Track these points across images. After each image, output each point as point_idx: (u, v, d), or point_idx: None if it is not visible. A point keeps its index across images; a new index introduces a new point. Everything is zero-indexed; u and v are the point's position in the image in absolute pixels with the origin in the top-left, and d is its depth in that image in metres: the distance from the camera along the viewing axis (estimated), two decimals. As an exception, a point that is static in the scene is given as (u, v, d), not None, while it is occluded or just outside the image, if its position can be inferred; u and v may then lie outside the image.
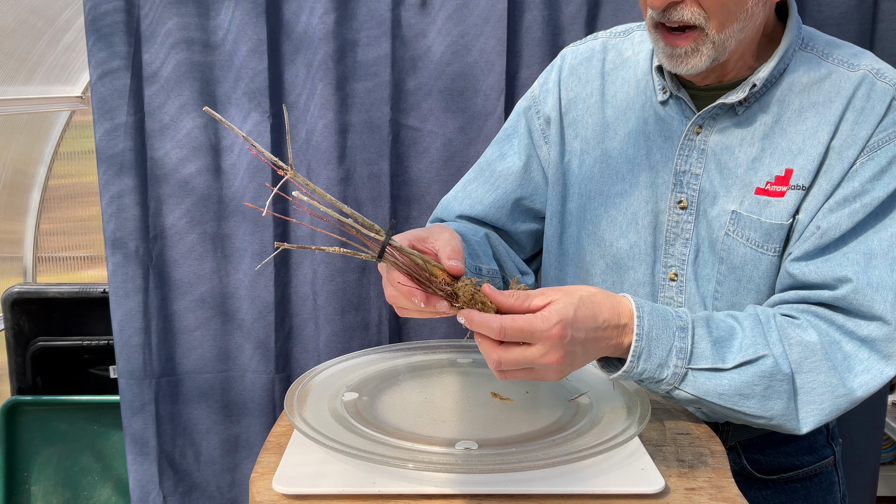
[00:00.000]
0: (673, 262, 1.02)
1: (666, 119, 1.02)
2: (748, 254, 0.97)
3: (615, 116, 1.07)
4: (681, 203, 1.01)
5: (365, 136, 1.52)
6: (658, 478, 0.73)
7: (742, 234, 0.97)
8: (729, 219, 0.97)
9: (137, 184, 1.51)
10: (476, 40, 1.50)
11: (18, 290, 2.03)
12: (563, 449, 0.75)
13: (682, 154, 1.00)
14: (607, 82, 1.09)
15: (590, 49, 1.12)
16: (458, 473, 0.73)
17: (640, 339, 0.81)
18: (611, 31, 1.13)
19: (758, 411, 0.84)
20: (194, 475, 1.65)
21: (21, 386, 2.05)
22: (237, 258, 1.57)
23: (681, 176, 1.00)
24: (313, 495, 0.72)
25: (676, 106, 1.01)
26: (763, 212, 0.96)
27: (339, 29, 1.47)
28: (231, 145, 1.52)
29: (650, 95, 1.04)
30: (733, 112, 0.98)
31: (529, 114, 1.15)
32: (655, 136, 1.03)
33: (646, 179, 1.03)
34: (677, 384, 0.83)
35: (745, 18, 0.91)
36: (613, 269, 1.06)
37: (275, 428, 0.87)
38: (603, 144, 1.07)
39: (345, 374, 0.94)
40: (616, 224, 1.05)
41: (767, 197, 0.96)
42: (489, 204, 1.13)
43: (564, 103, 1.11)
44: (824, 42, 0.99)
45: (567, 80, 1.11)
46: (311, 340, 1.61)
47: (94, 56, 1.46)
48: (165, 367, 1.58)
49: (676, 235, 1.01)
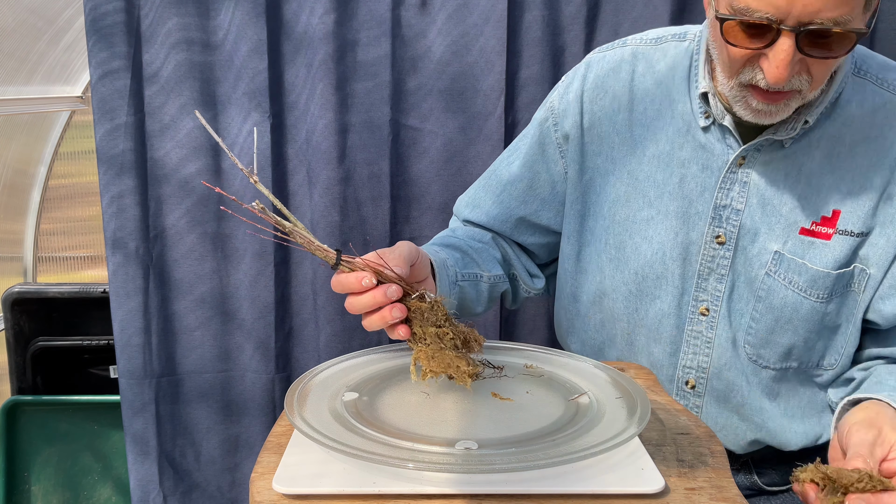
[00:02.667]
0: (705, 297, 0.98)
1: (706, 147, 0.96)
2: (790, 296, 0.93)
3: (643, 136, 1.00)
4: (718, 238, 0.95)
5: (365, 136, 1.52)
6: (658, 478, 0.73)
7: (784, 277, 0.93)
8: (771, 259, 0.93)
9: (138, 184, 1.51)
10: (476, 40, 1.50)
11: (18, 290, 2.03)
12: (563, 449, 0.75)
13: (724, 187, 0.94)
14: (636, 98, 1.01)
15: (618, 58, 1.04)
16: (458, 473, 0.73)
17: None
18: (641, 37, 1.05)
19: None
20: (194, 475, 1.65)
21: (21, 386, 2.05)
22: (237, 258, 1.57)
23: (720, 210, 0.95)
24: (313, 495, 0.72)
25: (719, 133, 0.95)
26: (807, 254, 0.91)
27: (340, 29, 1.47)
28: (231, 146, 1.52)
29: (688, 119, 0.97)
30: (780, 145, 0.92)
31: (546, 126, 1.08)
32: (691, 163, 0.96)
33: (677, 208, 0.97)
34: None
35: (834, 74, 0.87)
36: (637, 295, 1.01)
37: (275, 428, 0.87)
38: (629, 165, 1.00)
39: (345, 374, 0.94)
40: (640, 252, 1.00)
41: (812, 238, 0.91)
42: (494, 216, 1.11)
43: (587, 118, 1.03)
44: (879, 66, 0.93)
45: (591, 92, 1.04)
46: (311, 340, 1.61)
47: (95, 56, 1.46)
48: (166, 367, 1.58)
49: (711, 270, 0.97)
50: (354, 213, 1.54)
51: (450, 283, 0.95)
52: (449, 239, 1.04)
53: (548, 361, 0.96)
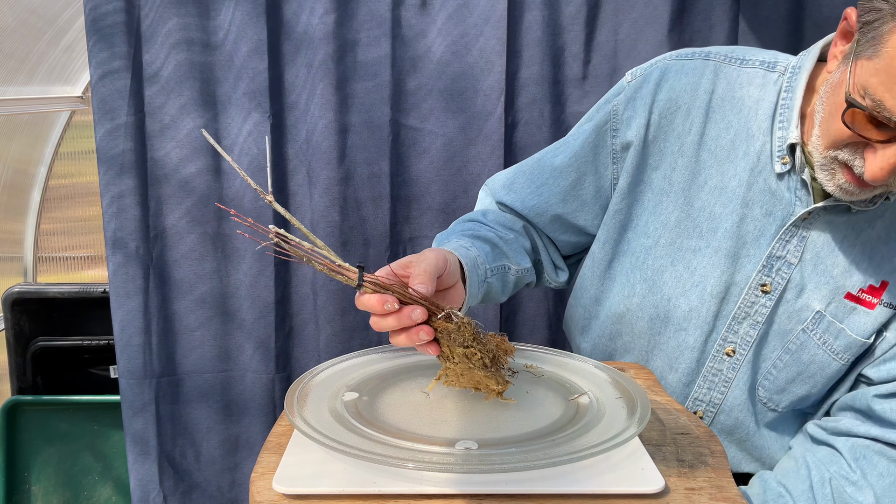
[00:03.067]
0: (735, 339, 0.97)
1: (776, 193, 0.92)
2: (819, 355, 0.93)
3: (710, 163, 0.96)
4: (764, 287, 0.94)
5: (365, 136, 1.52)
6: (658, 478, 0.73)
7: (820, 337, 0.92)
8: (811, 317, 0.92)
9: (138, 184, 1.51)
10: (476, 40, 1.50)
11: (19, 290, 2.03)
12: (563, 449, 0.75)
13: (783, 239, 0.92)
14: (710, 121, 0.95)
15: (698, 72, 0.96)
16: (458, 473, 0.73)
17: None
18: (725, 53, 0.97)
19: None
20: (195, 475, 1.65)
21: (21, 386, 2.05)
22: (237, 258, 1.57)
23: (773, 260, 0.93)
24: (313, 495, 0.72)
25: (792, 184, 0.92)
26: (846, 319, 0.91)
27: (340, 29, 1.47)
28: (231, 146, 1.52)
29: (764, 160, 0.93)
30: (848, 209, 0.90)
31: (604, 129, 1.02)
32: (755, 205, 0.93)
33: (728, 247, 0.95)
34: None
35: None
36: (663, 322, 1.00)
37: (275, 428, 0.87)
38: (688, 192, 0.96)
39: (345, 374, 0.94)
40: (680, 281, 0.97)
41: (856, 305, 0.91)
42: (530, 207, 1.08)
43: (653, 130, 0.98)
44: None
45: (664, 105, 0.97)
46: (311, 340, 1.61)
47: (95, 56, 1.46)
48: (166, 366, 1.58)
49: (747, 315, 0.95)
50: (354, 213, 1.54)
51: (479, 281, 0.94)
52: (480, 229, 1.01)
53: (548, 361, 0.96)
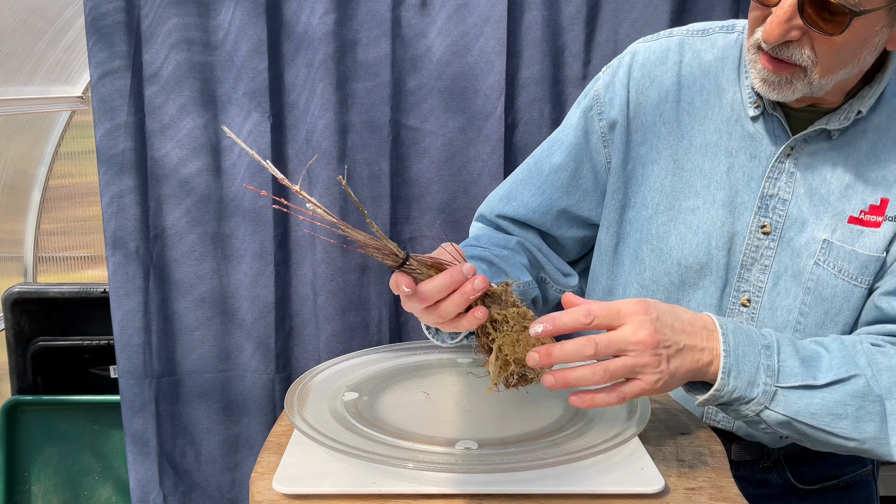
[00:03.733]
0: (747, 287, 0.97)
1: (755, 137, 0.96)
2: (840, 286, 0.92)
3: (690, 125, 1.00)
4: (764, 228, 0.95)
5: (365, 136, 1.52)
6: (658, 478, 0.73)
7: (834, 265, 0.92)
8: (820, 248, 0.93)
9: (138, 184, 1.51)
10: (476, 40, 1.50)
11: (19, 289, 2.03)
12: (563, 449, 0.75)
13: (771, 177, 0.95)
14: (683, 87, 1.01)
15: (664, 48, 1.03)
16: (458, 473, 0.73)
17: (728, 356, 0.78)
18: (687, 29, 1.05)
19: (851, 433, 0.81)
20: (194, 475, 1.65)
21: (21, 386, 2.05)
22: (237, 258, 1.57)
23: (767, 200, 0.95)
24: (313, 495, 0.72)
25: (768, 124, 0.95)
26: (856, 242, 0.91)
27: (340, 29, 1.47)
28: (231, 145, 1.52)
29: (738, 110, 0.97)
30: (827, 136, 0.93)
31: (590, 115, 1.07)
32: (739, 152, 0.96)
33: (724, 198, 0.97)
34: (767, 403, 0.79)
35: (854, 65, 0.86)
36: (679, 286, 1.01)
37: (275, 428, 0.87)
38: (675, 155, 1.00)
39: (345, 374, 0.95)
40: (686, 241, 0.99)
41: (861, 227, 0.91)
42: (533, 209, 1.09)
43: (633, 107, 1.03)
44: None
45: (638, 81, 1.03)
46: (311, 340, 1.61)
47: (95, 56, 1.46)
48: (166, 366, 1.58)
49: (755, 261, 0.96)
50: (354, 213, 1.54)
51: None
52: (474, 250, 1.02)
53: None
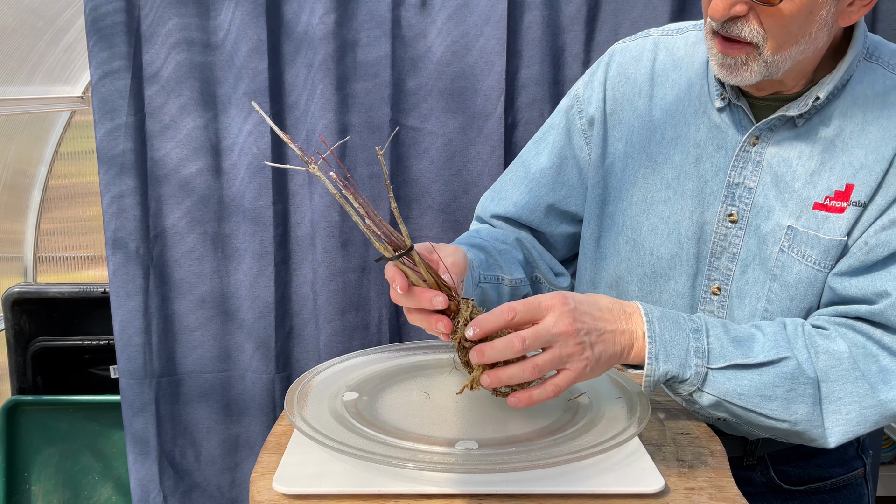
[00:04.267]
0: (717, 275, 0.99)
1: (721, 127, 0.98)
2: (804, 271, 0.93)
3: (663, 120, 1.03)
4: (731, 216, 0.97)
5: (365, 136, 1.52)
6: (658, 478, 0.73)
7: (798, 251, 0.93)
8: (784, 234, 0.94)
9: (138, 184, 1.51)
10: (476, 40, 1.50)
11: (19, 290, 2.03)
12: (563, 449, 0.75)
13: (737, 166, 0.96)
14: (657, 83, 1.04)
15: (640, 47, 1.07)
16: (458, 473, 0.73)
17: (653, 342, 0.81)
18: (663, 28, 1.09)
19: (781, 414, 0.83)
20: (195, 475, 1.65)
21: (21, 386, 2.05)
22: (237, 258, 1.57)
23: (733, 188, 0.96)
24: (313, 495, 0.72)
25: (733, 115, 0.97)
26: (821, 228, 0.92)
27: (340, 29, 1.47)
28: (231, 145, 1.52)
29: (705, 101, 1.00)
30: (792, 124, 0.94)
31: (571, 113, 1.11)
32: (707, 143, 0.99)
33: (693, 188, 0.99)
34: (700, 384, 0.82)
35: (807, 42, 0.87)
36: (652, 277, 1.03)
37: (275, 428, 0.87)
38: (648, 149, 1.03)
39: (345, 374, 0.95)
40: (658, 232, 1.01)
41: (826, 213, 0.92)
42: (522, 206, 1.11)
43: (610, 104, 1.07)
44: (891, 52, 0.94)
45: (615, 79, 1.07)
46: (311, 340, 1.61)
47: (95, 56, 1.46)
48: (166, 366, 1.58)
49: (723, 249, 0.98)
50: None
51: (473, 284, 0.96)
52: (473, 238, 1.05)
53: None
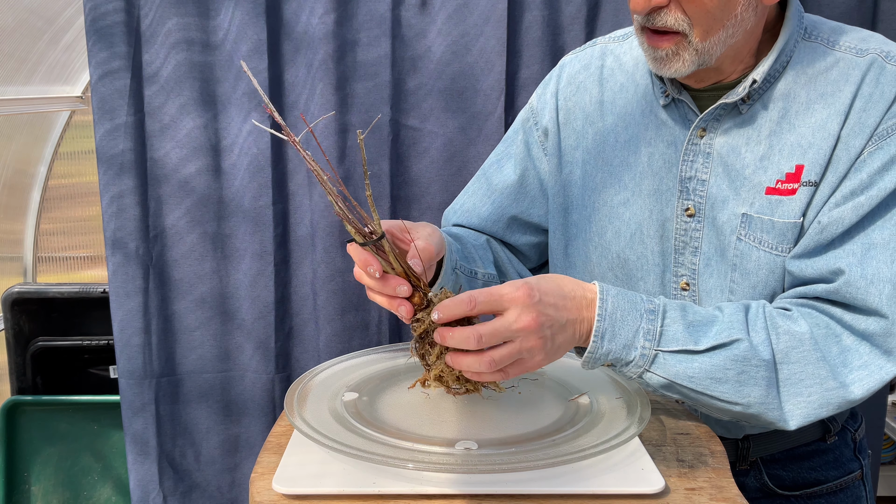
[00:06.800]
0: (684, 271, 0.99)
1: (668, 123, 0.98)
2: (762, 257, 0.92)
3: (614, 123, 1.03)
4: (688, 210, 0.97)
5: (365, 136, 1.52)
6: (658, 478, 0.73)
7: (755, 238, 0.92)
8: (740, 222, 0.93)
9: (138, 184, 1.51)
10: (476, 40, 1.50)
11: (18, 290, 2.03)
12: (563, 449, 0.75)
13: (687, 160, 0.96)
14: (605, 89, 1.05)
15: (588, 56, 1.09)
16: (458, 473, 0.73)
17: (602, 320, 0.81)
18: (609, 36, 1.10)
19: (733, 397, 0.82)
20: (194, 475, 1.65)
21: (21, 386, 2.05)
22: (237, 258, 1.57)
23: (686, 182, 0.96)
24: (313, 495, 0.72)
25: (678, 110, 0.98)
26: (775, 212, 0.91)
27: (339, 29, 1.47)
28: (231, 145, 1.52)
29: (651, 100, 1.00)
30: (737, 112, 0.94)
31: (528, 126, 1.12)
32: (657, 141, 0.99)
33: (649, 187, 0.99)
34: (647, 366, 0.81)
35: (734, 25, 0.86)
36: (623, 279, 1.03)
37: (275, 428, 0.87)
38: (603, 154, 1.04)
39: (345, 374, 0.95)
40: (621, 235, 1.02)
41: (779, 196, 0.91)
42: (485, 217, 1.12)
43: (562, 114, 1.08)
44: (830, 29, 0.94)
45: (565, 89, 1.09)
46: (311, 340, 1.61)
47: (95, 56, 1.46)
48: (166, 367, 1.58)
49: (685, 244, 0.98)
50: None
51: (451, 268, 0.97)
52: (452, 230, 1.06)
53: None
